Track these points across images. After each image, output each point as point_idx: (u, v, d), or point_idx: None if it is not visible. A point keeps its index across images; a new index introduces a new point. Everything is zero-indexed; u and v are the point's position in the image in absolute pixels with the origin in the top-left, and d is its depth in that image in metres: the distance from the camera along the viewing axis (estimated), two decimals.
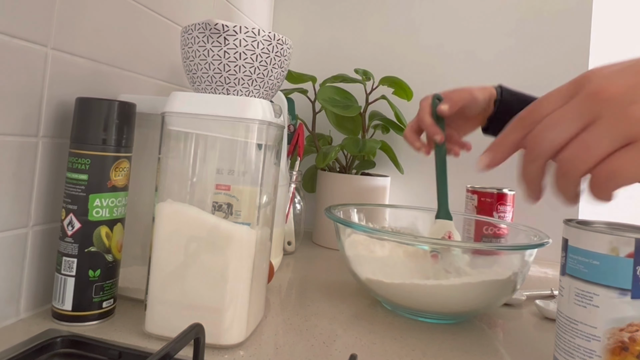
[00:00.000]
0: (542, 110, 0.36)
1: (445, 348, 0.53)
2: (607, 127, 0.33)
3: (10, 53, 0.46)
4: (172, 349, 0.35)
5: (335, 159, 0.99)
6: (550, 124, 0.35)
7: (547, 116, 0.35)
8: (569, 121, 0.34)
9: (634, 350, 0.37)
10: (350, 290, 0.71)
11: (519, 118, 0.38)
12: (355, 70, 1.00)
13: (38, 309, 0.52)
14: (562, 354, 0.41)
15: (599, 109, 0.33)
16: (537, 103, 0.37)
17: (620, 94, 0.33)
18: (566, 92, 0.36)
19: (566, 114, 0.34)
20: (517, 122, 0.38)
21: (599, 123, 0.33)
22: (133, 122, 0.53)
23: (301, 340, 0.52)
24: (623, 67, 0.35)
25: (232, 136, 0.48)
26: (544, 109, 0.36)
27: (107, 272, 0.51)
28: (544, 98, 0.37)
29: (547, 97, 0.37)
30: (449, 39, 1.08)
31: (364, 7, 1.13)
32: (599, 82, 0.34)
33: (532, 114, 0.37)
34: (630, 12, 1.08)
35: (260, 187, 0.48)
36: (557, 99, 0.36)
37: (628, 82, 0.33)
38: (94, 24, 0.56)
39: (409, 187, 1.09)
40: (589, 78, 0.35)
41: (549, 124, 0.35)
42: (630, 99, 0.33)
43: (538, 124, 0.36)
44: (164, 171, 0.49)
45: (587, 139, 0.33)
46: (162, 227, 0.48)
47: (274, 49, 0.51)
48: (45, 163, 0.51)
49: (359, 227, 0.63)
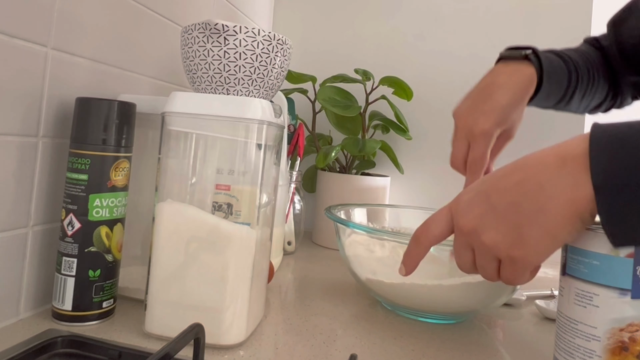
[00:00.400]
0: (430, 233, 0.45)
1: (446, 348, 0.53)
2: (481, 255, 0.41)
3: (10, 53, 0.46)
4: (172, 349, 0.35)
5: (335, 159, 0.99)
6: (456, 254, 0.44)
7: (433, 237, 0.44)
8: (463, 251, 0.43)
9: (634, 350, 0.37)
10: (350, 290, 0.71)
11: (414, 237, 0.46)
12: (355, 70, 1.00)
13: (38, 309, 0.52)
14: (562, 354, 0.41)
15: (469, 240, 0.41)
16: (426, 225, 0.45)
17: (473, 227, 0.40)
18: (445, 218, 0.44)
19: (458, 248, 0.43)
20: (414, 241, 0.46)
21: (476, 252, 0.41)
22: (133, 122, 0.53)
23: (301, 340, 0.52)
24: (477, 191, 0.41)
25: (232, 136, 0.48)
26: (431, 232, 0.44)
27: (107, 272, 0.51)
28: (431, 221, 0.45)
29: (433, 220, 0.45)
30: (449, 39, 1.08)
31: (364, 7, 1.13)
32: (458, 218, 0.42)
33: (425, 235, 0.45)
34: None
35: (260, 187, 0.48)
36: (441, 223, 0.44)
37: (478, 212, 0.40)
38: (94, 24, 0.56)
39: (409, 187, 1.09)
40: (455, 210, 0.43)
41: (455, 253, 0.44)
42: (481, 230, 0.40)
43: (432, 243, 0.45)
44: (164, 171, 0.49)
45: (479, 263, 0.42)
46: (162, 227, 0.48)
47: (274, 49, 0.51)
48: (45, 163, 0.51)
49: (359, 227, 0.63)
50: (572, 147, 0.37)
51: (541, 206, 0.37)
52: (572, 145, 0.37)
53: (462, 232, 0.42)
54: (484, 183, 0.42)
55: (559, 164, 0.37)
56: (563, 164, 0.37)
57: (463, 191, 0.44)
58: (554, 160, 0.38)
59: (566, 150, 0.37)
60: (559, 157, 0.37)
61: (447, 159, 1.12)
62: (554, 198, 0.37)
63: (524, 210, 0.38)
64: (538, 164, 0.39)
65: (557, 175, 0.37)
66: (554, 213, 0.37)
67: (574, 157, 0.36)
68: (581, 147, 0.36)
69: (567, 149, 0.37)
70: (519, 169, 0.40)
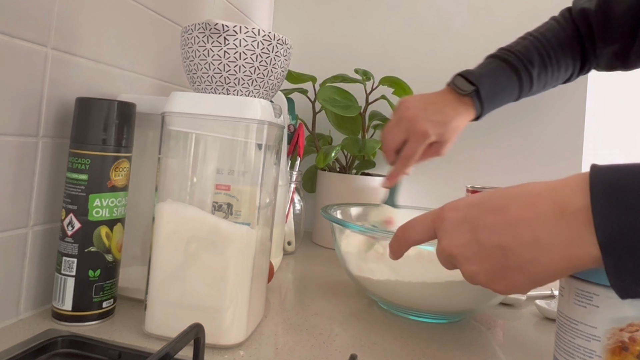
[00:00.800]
0: (410, 237, 0.45)
1: (446, 348, 0.53)
2: (468, 276, 0.40)
3: (10, 53, 0.46)
4: (172, 349, 0.35)
5: (335, 159, 0.98)
6: (438, 257, 0.43)
7: (412, 241, 0.45)
8: (443, 261, 0.42)
9: (634, 350, 0.37)
10: (350, 290, 0.71)
11: (396, 236, 0.46)
12: (355, 70, 1.00)
13: (38, 309, 0.52)
14: (562, 354, 0.41)
15: (449, 259, 0.41)
16: (406, 228, 0.45)
17: (454, 254, 0.40)
18: (426, 228, 0.43)
19: (439, 256, 0.42)
20: (395, 239, 0.46)
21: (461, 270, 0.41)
22: (133, 122, 0.53)
23: (301, 340, 0.52)
24: (464, 217, 0.40)
25: (232, 136, 0.48)
26: (411, 237, 0.45)
27: (107, 272, 0.50)
28: (412, 226, 0.44)
29: (414, 226, 0.44)
30: (449, 39, 1.08)
31: (364, 7, 1.13)
32: (440, 237, 0.41)
33: (404, 237, 0.45)
34: None
35: (260, 187, 0.48)
36: (420, 230, 0.44)
37: (462, 241, 0.39)
38: (94, 24, 0.56)
39: (409, 187, 1.09)
40: (437, 226, 0.42)
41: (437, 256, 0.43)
42: (463, 259, 0.39)
43: (410, 245, 0.45)
44: (164, 171, 0.49)
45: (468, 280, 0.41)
46: (162, 227, 0.48)
47: (274, 49, 0.51)
48: (45, 163, 0.51)
49: (353, 226, 0.62)
50: (571, 199, 0.34)
51: (533, 258, 0.36)
52: (571, 196, 0.35)
53: (443, 252, 0.41)
54: (473, 208, 0.40)
55: (556, 215, 0.35)
56: (561, 217, 0.34)
57: (449, 206, 0.42)
58: (551, 209, 0.35)
59: (564, 202, 0.35)
60: (557, 207, 0.35)
61: (447, 159, 1.12)
62: (548, 252, 0.35)
63: (513, 256, 0.36)
64: (533, 210, 0.36)
65: (553, 228, 0.35)
66: (546, 267, 0.35)
67: (574, 212, 0.34)
68: (582, 201, 0.34)
69: (565, 199, 0.35)
70: (512, 207, 0.37)
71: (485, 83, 0.74)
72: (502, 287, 0.38)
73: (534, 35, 0.79)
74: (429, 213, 0.44)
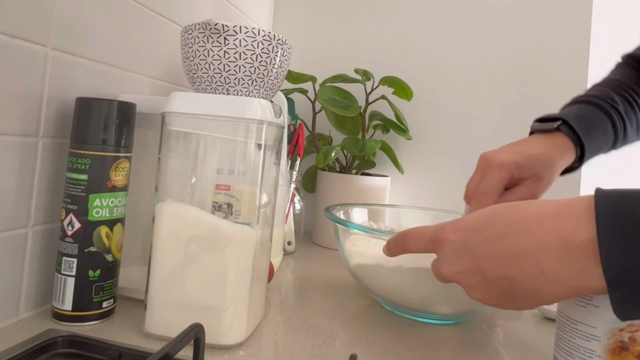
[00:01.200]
0: (407, 248, 0.46)
1: (446, 348, 0.53)
2: (474, 300, 0.40)
3: (10, 53, 0.46)
4: (172, 349, 0.35)
5: (335, 159, 0.99)
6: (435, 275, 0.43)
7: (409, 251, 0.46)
8: (440, 279, 0.43)
9: (634, 350, 0.37)
10: (350, 290, 0.71)
11: (396, 240, 0.47)
12: (355, 70, 1.00)
13: (38, 309, 0.52)
14: (562, 354, 0.41)
15: (450, 281, 0.41)
16: (405, 239, 0.46)
17: (456, 280, 0.40)
18: (424, 245, 0.44)
19: (437, 277, 0.43)
20: (395, 242, 0.47)
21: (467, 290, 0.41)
22: (133, 122, 0.53)
23: (301, 340, 0.52)
24: (465, 244, 0.39)
25: (232, 136, 0.48)
26: (408, 248, 0.46)
27: (107, 272, 0.51)
28: (410, 239, 0.45)
29: (412, 239, 0.45)
30: (449, 39, 1.08)
31: (364, 7, 1.13)
32: (440, 264, 0.41)
33: (402, 246, 0.46)
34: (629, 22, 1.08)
35: (260, 187, 0.48)
36: (419, 246, 0.44)
37: (464, 269, 0.39)
38: (94, 24, 0.56)
39: (409, 187, 1.09)
40: (437, 250, 0.42)
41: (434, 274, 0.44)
42: (466, 286, 0.40)
43: (405, 252, 0.47)
44: (164, 171, 0.49)
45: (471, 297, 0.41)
46: (162, 227, 0.48)
47: (274, 49, 0.51)
48: (45, 163, 0.51)
49: (357, 227, 0.62)
50: (576, 231, 0.33)
51: (538, 288, 0.36)
52: (576, 227, 0.34)
53: (444, 277, 0.41)
54: (473, 234, 0.39)
55: (560, 247, 0.34)
56: (565, 250, 0.34)
57: (448, 227, 0.41)
58: (555, 241, 0.34)
59: (568, 233, 0.34)
60: (561, 239, 0.34)
61: (447, 159, 1.12)
62: (553, 282, 0.35)
63: (518, 286, 0.36)
64: (536, 239, 0.35)
65: (559, 260, 0.34)
66: (552, 295, 0.36)
67: (579, 245, 0.33)
68: (587, 233, 0.33)
69: (569, 230, 0.34)
70: (513, 235, 0.36)
71: (571, 116, 0.62)
72: (509, 308, 0.39)
73: (603, 80, 0.70)
74: (429, 230, 0.43)
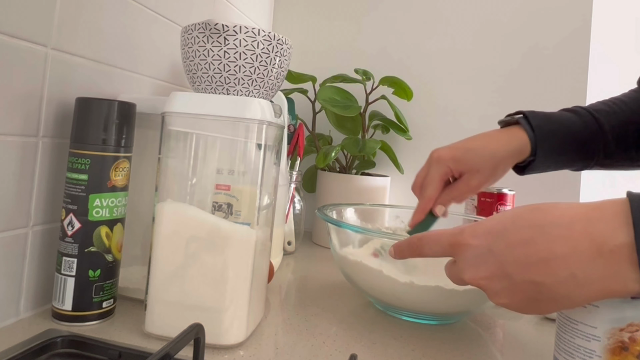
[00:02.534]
0: (423, 252, 0.45)
1: (446, 348, 0.53)
2: (497, 304, 0.39)
3: (10, 53, 0.46)
4: (172, 349, 0.35)
5: (335, 159, 0.99)
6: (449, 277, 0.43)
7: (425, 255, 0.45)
8: (457, 282, 0.42)
9: (634, 350, 0.37)
10: (350, 290, 0.71)
11: (409, 243, 0.46)
12: (355, 70, 1.00)
13: (38, 309, 0.52)
14: (562, 354, 0.41)
15: (471, 285, 0.40)
16: (421, 243, 0.45)
17: (484, 286, 0.39)
18: (442, 250, 0.43)
19: (454, 280, 0.43)
20: (408, 245, 0.46)
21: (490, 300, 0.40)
22: (133, 122, 0.53)
23: (301, 340, 0.52)
24: (489, 249, 0.38)
25: (232, 136, 0.48)
26: (424, 252, 0.45)
27: (107, 272, 0.50)
28: (426, 243, 0.44)
29: (429, 243, 0.44)
30: (449, 39, 1.08)
31: (364, 7, 1.13)
32: (461, 270, 0.41)
33: (417, 250, 0.45)
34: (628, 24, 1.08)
35: (260, 187, 0.48)
36: (436, 251, 0.44)
37: (488, 274, 0.38)
38: (94, 24, 0.56)
39: (409, 187, 1.09)
40: (457, 255, 0.41)
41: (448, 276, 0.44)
42: (490, 292, 0.39)
43: (419, 256, 0.46)
44: (164, 171, 0.49)
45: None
46: (162, 227, 0.48)
47: (274, 49, 0.51)
48: (45, 163, 0.51)
49: (350, 227, 0.61)
50: (611, 234, 0.33)
51: (568, 293, 0.35)
52: (610, 230, 0.33)
53: (463, 282, 0.41)
54: (497, 239, 0.38)
55: (593, 251, 0.33)
56: (599, 254, 0.33)
57: (468, 232, 0.40)
58: (588, 245, 0.34)
59: (602, 237, 0.33)
60: (594, 243, 0.33)
61: None
62: (585, 287, 0.34)
63: (547, 291, 0.35)
64: (567, 244, 0.34)
65: (591, 264, 0.33)
66: (582, 300, 0.35)
67: (614, 249, 0.33)
68: (622, 237, 0.32)
69: (602, 233, 0.33)
70: (542, 240, 0.36)
71: (536, 113, 0.63)
72: (533, 313, 0.38)
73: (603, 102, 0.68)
74: (446, 234, 0.42)
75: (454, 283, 0.43)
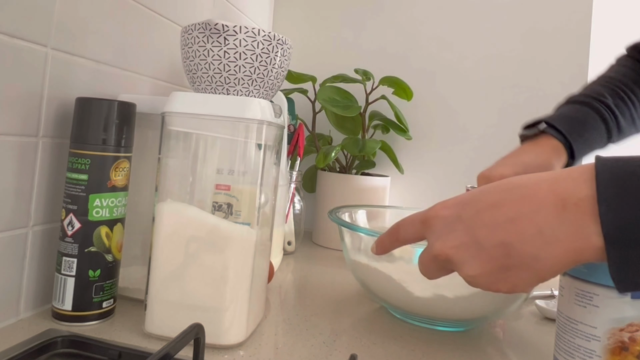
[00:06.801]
0: (400, 236, 0.43)
1: (446, 349, 0.53)
2: (467, 280, 0.38)
3: (10, 53, 0.46)
4: (172, 349, 0.35)
5: (335, 159, 0.99)
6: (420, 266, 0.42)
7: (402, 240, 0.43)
8: (431, 268, 0.40)
9: (634, 350, 0.37)
10: (351, 291, 0.71)
11: (388, 232, 0.45)
12: (355, 70, 1.00)
13: (38, 309, 0.52)
14: (562, 354, 0.41)
15: (441, 264, 0.39)
16: (396, 228, 0.44)
17: (449, 257, 0.38)
18: (415, 229, 0.42)
19: (426, 263, 0.41)
20: (387, 235, 0.45)
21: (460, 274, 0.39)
22: (133, 122, 0.53)
23: (301, 340, 0.52)
24: (458, 216, 0.38)
25: (232, 136, 0.48)
26: (401, 236, 0.43)
27: (107, 272, 0.50)
28: (401, 226, 0.43)
29: (403, 226, 0.43)
30: (450, 39, 1.08)
31: (364, 7, 1.13)
32: (432, 240, 0.39)
33: (394, 236, 0.44)
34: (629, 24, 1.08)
35: (260, 187, 0.48)
36: (410, 231, 0.42)
37: (458, 242, 0.37)
38: (94, 24, 0.56)
39: (409, 187, 1.09)
40: (428, 227, 0.40)
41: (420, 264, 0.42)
42: (460, 262, 0.37)
43: (400, 245, 0.44)
44: (164, 171, 0.49)
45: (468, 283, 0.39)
46: (162, 227, 0.48)
47: (274, 49, 0.51)
48: (45, 163, 0.51)
49: (366, 231, 0.60)
50: (574, 189, 0.33)
51: (537, 253, 0.34)
52: (574, 186, 0.34)
53: (435, 257, 0.39)
54: (466, 206, 0.38)
55: (558, 207, 0.34)
56: (563, 208, 0.33)
57: (439, 205, 0.40)
58: (553, 201, 0.34)
59: (566, 192, 0.34)
60: (559, 198, 0.34)
61: (448, 159, 1.12)
62: (552, 245, 0.34)
63: (516, 253, 0.35)
64: (533, 202, 0.35)
65: (557, 220, 0.34)
66: (551, 261, 0.34)
67: (577, 202, 0.33)
68: (585, 191, 0.33)
69: (566, 189, 0.34)
70: (509, 201, 0.36)
71: (554, 117, 0.64)
72: (504, 288, 0.37)
73: (595, 79, 0.71)
74: (419, 213, 0.42)
75: (424, 275, 0.41)
